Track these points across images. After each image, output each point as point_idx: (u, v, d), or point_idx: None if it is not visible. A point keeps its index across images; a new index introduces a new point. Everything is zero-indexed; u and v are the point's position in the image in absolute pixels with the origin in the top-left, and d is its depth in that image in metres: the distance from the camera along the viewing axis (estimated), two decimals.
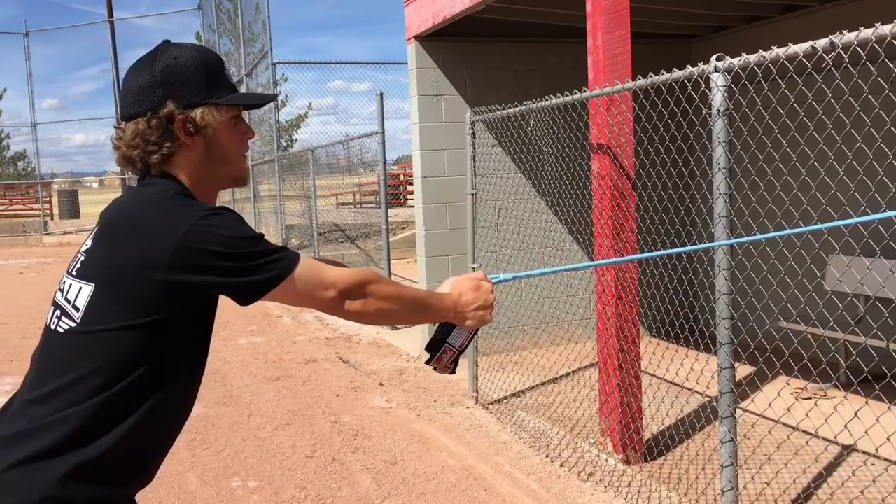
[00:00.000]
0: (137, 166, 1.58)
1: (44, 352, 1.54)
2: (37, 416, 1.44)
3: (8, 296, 11.55)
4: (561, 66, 6.73)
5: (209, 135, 1.58)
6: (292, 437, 4.88)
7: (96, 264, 1.50)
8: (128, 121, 1.57)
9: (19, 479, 1.41)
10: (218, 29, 21.01)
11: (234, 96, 1.62)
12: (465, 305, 1.73)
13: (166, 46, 1.60)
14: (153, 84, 1.54)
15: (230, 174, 1.65)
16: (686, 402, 4.95)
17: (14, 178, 28.82)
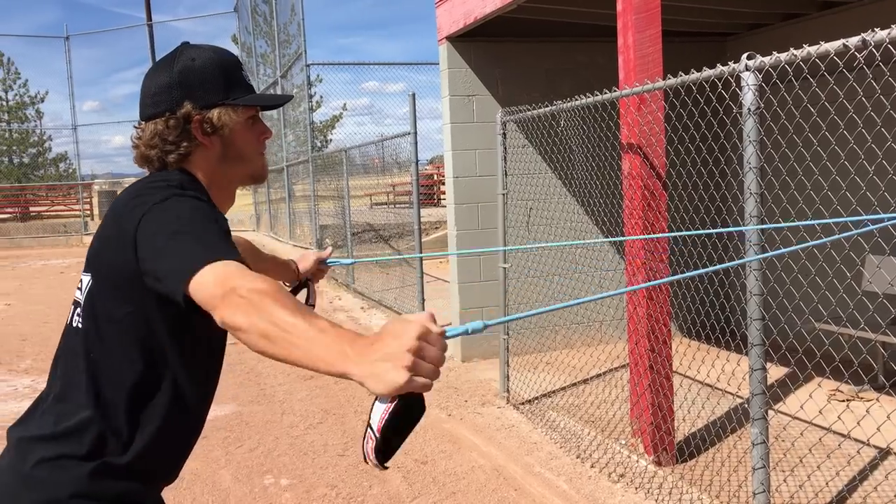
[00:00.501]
0: (155, 165, 1.60)
1: (65, 349, 1.56)
2: (63, 415, 1.48)
3: (49, 295, 11.80)
4: (593, 65, 6.70)
5: (226, 135, 1.60)
6: (324, 435, 4.93)
7: (91, 255, 1.53)
8: (147, 121, 1.59)
9: (48, 476, 1.44)
10: (254, 31, 21.24)
11: (250, 97, 1.63)
12: (367, 349, 1.10)
13: (185, 48, 1.62)
14: (171, 85, 1.57)
15: (247, 173, 1.67)
16: (718, 404, 4.91)
17: (56, 180, 29.42)
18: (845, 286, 3.55)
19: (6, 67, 29.24)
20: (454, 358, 6.76)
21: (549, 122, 5.53)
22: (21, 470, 1.45)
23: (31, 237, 22.33)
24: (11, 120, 30.00)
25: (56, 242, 22.27)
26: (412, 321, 1.11)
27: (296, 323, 1.15)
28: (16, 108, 29.65)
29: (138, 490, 1.52)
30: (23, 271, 15.65)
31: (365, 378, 1.09)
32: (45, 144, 30.96)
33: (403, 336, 1.09)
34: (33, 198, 27.53)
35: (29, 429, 1.51)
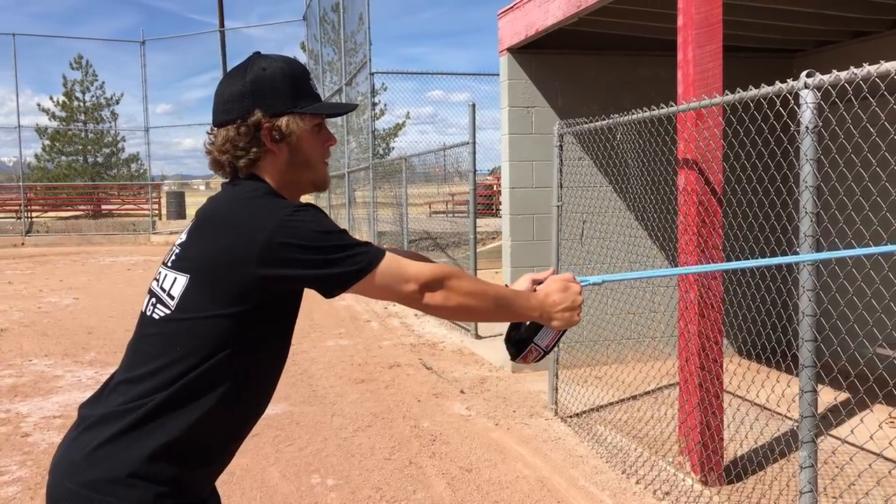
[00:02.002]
0: (226, 170, 1.70)
1: (139, 336, 1.66)
2: (130, 396, 1.57)
3: (116, 291, 12.19)
4: (655, 79, 6.66)
5: (293, 142, 1.67)
6: (372, 438, 4.99)
7: (191, 257, 1.62)
8: (219, 127, 1.69)
9: (110, 455, 1.53)
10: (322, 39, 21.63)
11: (317, 106, 1.71)
12: (552, 306, 1.73)
13: (256, 58, 1.71)
14: (243, 94, 1.65)
15: (311, 179, 1.75)
16: (769, 425, 4.81)
17: (127, 179, 30.38)
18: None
19: (85, 70, 30.32)
20: (504, 368, 6.78)
21: (606, 135, 5.52)
22: (86, 447, 1.55)
23: (101, 234, 23.09)
24: (88, 120, 31.08)
25: (124, 240, 22.98)
26: (573, 284, 1.78)
27: (498, 296, 1.68)
28: (92, 109, 30.71)
29: (192, 475, 1.60)
30: (92, 267, 16.18)
31: (551, 320, 1.75)
32: (119, 145, 31.99)
33: (569, 292, 1.76)
34: (105, 196, 28.47)
35: (97, 408, 1.61)
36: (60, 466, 1.59)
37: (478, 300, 1.64)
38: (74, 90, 30.29)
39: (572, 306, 1.75)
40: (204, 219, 1.66)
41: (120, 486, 1.52)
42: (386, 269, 1.57)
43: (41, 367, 6.99)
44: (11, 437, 5.07)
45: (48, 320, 9.45)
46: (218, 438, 1.64)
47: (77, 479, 1.54)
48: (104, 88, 30.67)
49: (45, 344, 8.03)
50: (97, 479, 1.52)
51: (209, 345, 1.56)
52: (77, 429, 1.63)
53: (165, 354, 1.58)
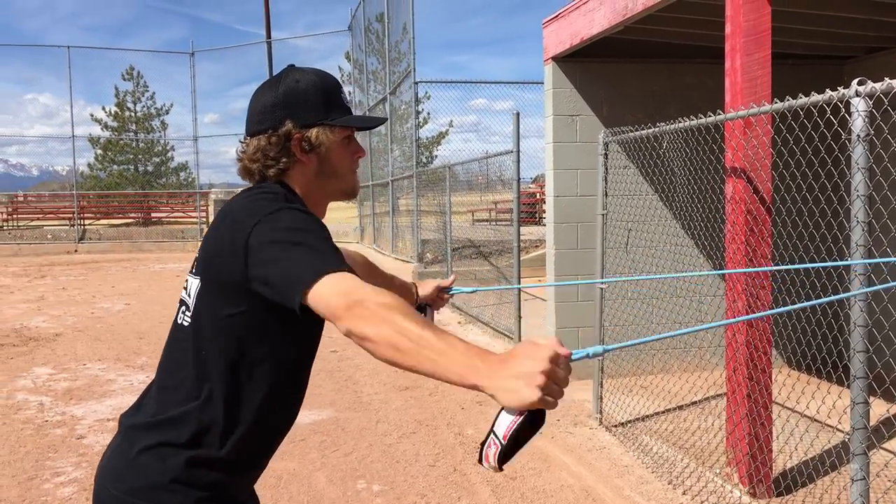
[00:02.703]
0: (255, 178, 1.73)
1: (171, 343, 1.70)
2: (166, 405, 1.61)
3: (166, 296, 12.43)
4: (701, 87, 6.61)
5: (322, 153, 1.71)
6: (416, 445, 5.03)
7: (202, 258, 1.65)
8: (251, 136, 1.73)
9: (152, 462, 1.58)
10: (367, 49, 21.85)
11: (346, 118, 1.74)
12: (500, 365, 1.21)
13: (290, 70, 1.75)
14: (276, 105, 1.69)
15: (340, 188, 1.77)
16: (818, 437, 4.73)
17: (176, 188, 30.97)
18: None
19: (136, 80, 31.03)
20: None
21: (652, 143, 5.50)
22: (127, 455, 1.60)
23: (151, 241, 23.57)
24: (139, 130, 31.79)
25: (173, 247, 23.42)
26: (543, 345, 1.21)
27: (425, 336, 1.26)
28: (143, 119, 31.40)
29: (230, 481, 1.63)
30: (142, 273, 16.53)
31: (497, 391, 1.20)
32: (168, 154, 32.65)
33: (537, 357, 1.19)
34: (155, 204, 29.07)
35: (136, 417, 1.66)
36: (104, 473, 1.65)
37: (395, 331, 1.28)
38: (126, 101, 31.02)
39: (528, 372, 1.17)
40: (214, 222, 1.69)
41: (162, 492, 1.56)
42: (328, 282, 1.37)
43: (95, 371, 7.17)
44: (67, 439, 5.22)
45: (101, 325, 9.68)
46: (255, 445, 1.67)
47: (120, 485, 1.59)
48: (154, 99, 31.37)
49: (98, 348, 8.23)
50: (140, 485, 1.57)
51: (228, 348, 1.57)
52: (118, 437, 1.68)
53: (193, 360, 1.61)
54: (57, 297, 12.59)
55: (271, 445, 1.72)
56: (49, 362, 7.57)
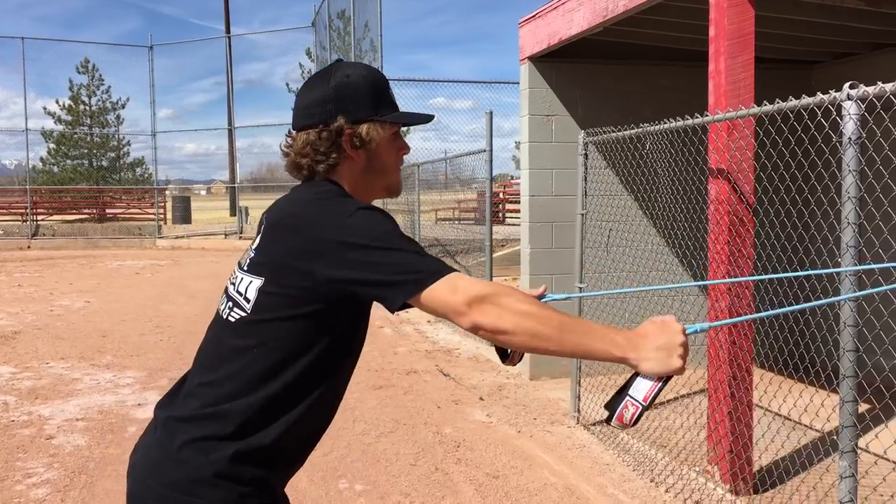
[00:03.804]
0: (304, 173, 1.72)
1: (216, 339, 1.67)
2: (210, 400, 1.58)
3: (127, 294, 12.19)
4: (675, 88, 6.69)
5: (372, 149, 1.70)
6: (396, 444, 5.00)
7: (263, 259, 1.63)
8: (299, 131, 1.71)
9: (195, 455, 1.55)
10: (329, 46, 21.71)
11: (397, 115, 1.74)
12: (642, 340, 1.43)
13: (339, 65, 1.73)
14: (326, 100, 1.67)
15: (385, 185, 1.77)
16: (798, 437, 4.81)
17: (132, 184, 30.42)
18: None
19: (91, 74, 30.40)
20: (521, 375, 6.78)
21: (633, 144, 5.54)
22: (169, 448, 1.57)
23: (107, 238, 23.10)
24: (93, 125, 31.15)
25: (130, 244, 22.98)
26: (672, 321, 1.47)
27: (565, 321, 1.45)
28: (98, 112, 30.79)
29: (272, 476, 1.61)
30: (100, 271, 16.19)
31: (642, 361, 1.43)
32: (124, 149, 32.07)
33: (674, 332, 1.45)
34: (110, 200, 28.51)
35: (175, 409, 1.63)
36: (143, 466, 1.61)
37: (537, 322, 1.43)
38: (80, 94, 30.38)
39: (670, 344, 1.42)
40: (275, 221, 1.67)
41: (205, 487, 1.54)
42: (441, 281, 1.46)
43: (59, 370, 7.00)
44: (36, 439, 5.08)
45: (61, 323, 9.45)
46: (300, 440, 1.66)
47: (162, 479, 1.56)
48: (110, 93, 30.77)
49: (60, 347, 8.03)
50: (182, 479, 1.55)
51: (285, 346, 1.58)
52: (157, 430, 1.65)
53: (242, 357, 1.59)
54: (13, 294, 12.26)
55: (314, 442, 1.71)
56: (10, 360, 7.36)
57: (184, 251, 21.30)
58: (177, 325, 9.29)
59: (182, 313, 10.24)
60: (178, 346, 7.99)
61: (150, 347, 8.00)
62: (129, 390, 6.34)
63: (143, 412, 5.69)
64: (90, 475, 4.46)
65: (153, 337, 8.58)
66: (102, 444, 4.98)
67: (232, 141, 26.64)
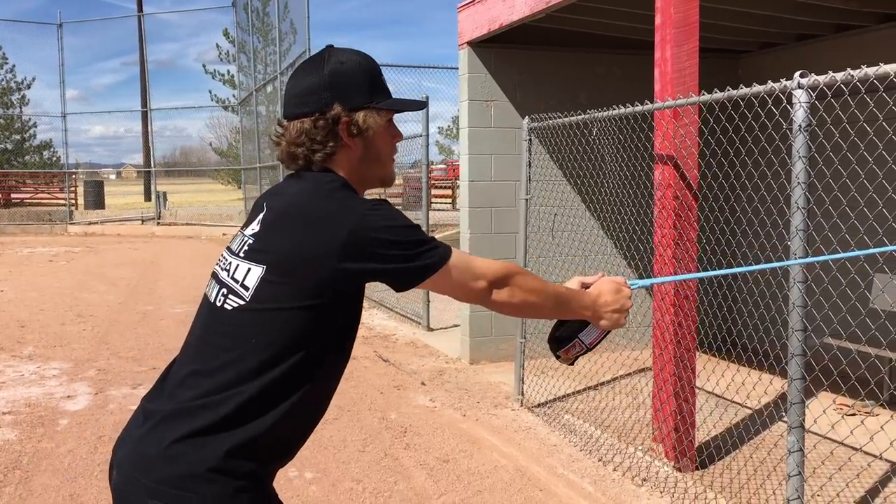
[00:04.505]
0: (299, 162, 1.67)
1: (209, 327, 1.62)
2: (203, 391, 1.53)
3: (42, 282, 11.69)
4: (610, 76, 6.80)
5: (369, 136, 1.67)
6: (342, 431, 4.96)
7: (268, 248, 1.58)
8: (291, 120, 1.66)
9: (187, 451, 1.49)
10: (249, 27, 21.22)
11: (393, 101, 1.71)
12: (603, 305, 1.79)
13: (332, 51, 1.69)
14: (321, 87, 1.63)
15: (379, 174, 1.74)
16: (734, 415, 5.00)
17: (39, 167, 29.11)
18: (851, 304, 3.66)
19: None
20: (461, 360, 6.82)
21: (573, 130, 5.61)
22: (160, 443, 1.51)
23: (14, 224, 22.07)
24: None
25: (40, 230, 22.02)
26: (623, 286, 1.83)
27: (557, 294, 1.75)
28: (1, 93, 29.32)
29: (264, 471, 1.57)
30: (10, 258, 15.47)
31: (599, 320, 1.80)
32: (30, 132, 30.65)
33: (625, 299, 1.81)
34: (15, 185, 27.21)
35: (163, 402, 1.57)
36: (132, 462, 1.54)
37: (539, 297, 1.69)
38: None
39: (621, 309, 1.80)
40: (280, 210, 1.62)
41: (199, 482, 1.48)
42: (458, 265, 1.60)
43: None
44: None
45: None
46: (295, 433, 1.62)
47: (153, 475, 1.50)
48: (14, 72, 29.34)
49: None
50: (175, 474, 1.49)
51: (284, 337, 1.54)
52: (146, 423, 1.58)
53: (238, 347, 1.54)
54: None
55: (307, 434, 1.66)
56: None
57: (98, 237, 20.52)
58: (99, 314, 8.97)
59: (104, 302, 9.89)
60: (102, 336, 7.71)
61: (74, 337, 7.70)
62: (55, 382, 6.09)
63: (73, 404, 5.48)
64: (24, 470, 4.27)
65: (75, 327, 8.26)
66: (34, 439, 4.78)
67: (147, 123, 25.76)
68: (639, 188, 5.32)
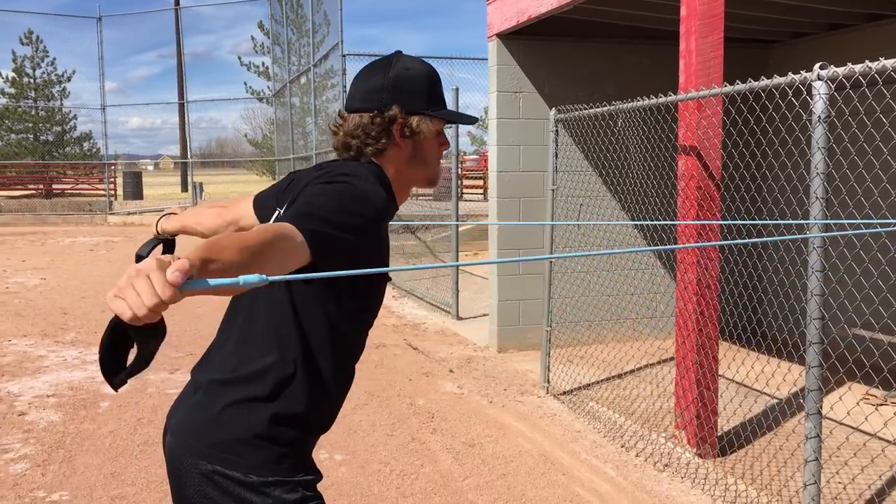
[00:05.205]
0: (351, 153, 1.79)
1: (244, 302, 1.75)
2: (246, 360, 1.67)
3: (83, 271, 12.01)
4: (639, 66, 6.82)
5: (419, 140, 1.80)
6: (371, 416, 5.09)
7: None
8: (352, 112, 1.79)
9: (236, 418, 1.64)
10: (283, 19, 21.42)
11: (447, 112, 1.83)
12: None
13: (400, 56, 1.82)
14: (384, 88, 1.76)
15: (425, 175, 1.86)
16: (754, 403, 5.03)
17: (79, 158, 29.70)
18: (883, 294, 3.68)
19: (35, 45, 29.50)
20: (490, 348, 6.92)
21: (600, 121, 5.67)
22: (210, 410, 1.66)
23: (56, 214, 22.58)
24: (38, 97, 30.29)
25: (81, 220, 22.50)
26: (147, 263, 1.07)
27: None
28: (43, 85, 29.92)
29: (307, 438, 1.72)
30: (53, 247, 15.87)
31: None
32: (70, 123, 31.25)
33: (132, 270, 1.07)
34: (56, 175, 27.81)
35: (214, 372, 1.71)
36: (185, 427, 1.69)
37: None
38: (24, 66, 29.47)
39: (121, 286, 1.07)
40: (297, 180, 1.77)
41: (246, 447, 1.62)
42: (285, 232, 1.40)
43: (22, 348, 6.92)
44: (7, 415, 5.05)
45: (19, 301, 9.30)
46: (329, 405, 1.75)
47: (204, 439, 1.64)
48: (55, 65, 29.92)
49: (21, 324, 7.92)
50: (224, 439, 1.63)
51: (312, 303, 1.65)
52: (196, 393, 1.72)
53: (274, 317, 1.67)
54: None
55: (341, 401, 1.79)
56: None
57: (137, 227, 20.92)
58: None
59: None
60: None
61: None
62: (97, 367, 6.29)
63: None
64: (67, 450, 4.46)
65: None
66: (77, 420, 4.98)
67: (184, 115, 26.15)
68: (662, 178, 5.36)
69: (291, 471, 1.66)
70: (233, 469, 1.62)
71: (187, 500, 1.67)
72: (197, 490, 1.64)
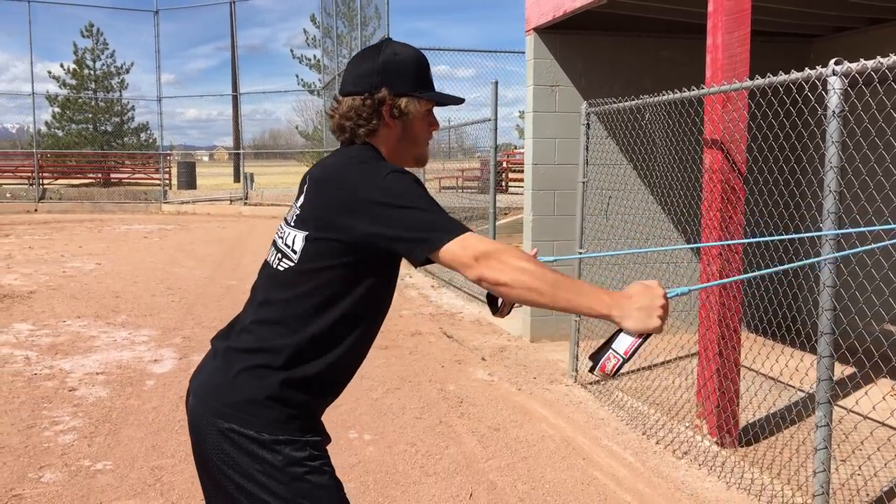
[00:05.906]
0: (346, 135, 1.94)
1: (267, 284, 1.91)
2: (263, 336, 1.83)
3: (136, 258, 12.43)
4: (675, 61, 6.85)
5: (408, 120, 1.93)
6: (401, 399, 5.26)
7: (307, 215, 1.86)
8: (345, 96, 1.94)
9: (250, 381, 1.81)
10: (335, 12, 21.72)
11: (433, 94, 1.97)
12: (626, 300, 1.62)
13: (389, 43, 1.96)
14: (374, 72, 1.90)
15: (415, 155, 2.00)
16: (779, 395, 5.07)
17: (136, 149, 30.55)
18: None
19: (96, 38, 30.40)
20: (523, 338, 7.03)
21: (633, 115, 5.73)
22: (227, 374, 1.84)
23: (113, 202, 23.31)
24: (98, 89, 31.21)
25: (136, 209, 23.19)
26: (655, 285, 1.64)
27: (559, 280, 1.63)
28: (102, 77, 30.83)
29: (316, 402, 1.88)
30: (108, 234, 16.42)
31: (625, 319, 1.62)
32: (128, 114, 32.15)
33: (655, 295, 1.62)
34: (114, 165, 28.65)
35: (233, 342, 1.89)
36: (204, 388, 1.87)
37: (532, 278, 1.61)
38: (85, 58, 30.40)
39: (650, 305, 1.61)
40: (318, 180, 1.89)
41: (259, 407, 1.79)
42: (457, 241, 1.65)
43: (76, 328, 7.26)
44: (59, 390, 5.34)
45: (75, 284, 9.70)
46: (338, 374, 1.90)
47: (221, 399, 1.82)
48: (114, 57, 30.79)
49: (75, 306, 8.29)
50: (239, 400, 1.80)
51: (328, 291, 1.80)
52: (215, 358, 1.90)
53: (291, 301, 1.83)
54: (24, 255, 12.51)
55: (348, 377, 1.95)
56: (28, 318, 7.63)
57: (190, 216, 21.52)
58: (187, 288, 9.54)
59: (192, 276, 10.49)
60: (189, 307, 8.25)
61: (163, 308, 8.26)
62: (144, 347, 6.60)
63: (159, 367, 5.95)
64: (113, 424, 4.72)
65: (165, 298, 8.84)
66: (123, 396, 5.25)
67: (237, 107, 26.72)
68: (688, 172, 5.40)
69: (300, 431, 1.81)
70: (247, 427, 1.78)
71: (206, 455, 1.85)
72: (215, 445, 1.81)
